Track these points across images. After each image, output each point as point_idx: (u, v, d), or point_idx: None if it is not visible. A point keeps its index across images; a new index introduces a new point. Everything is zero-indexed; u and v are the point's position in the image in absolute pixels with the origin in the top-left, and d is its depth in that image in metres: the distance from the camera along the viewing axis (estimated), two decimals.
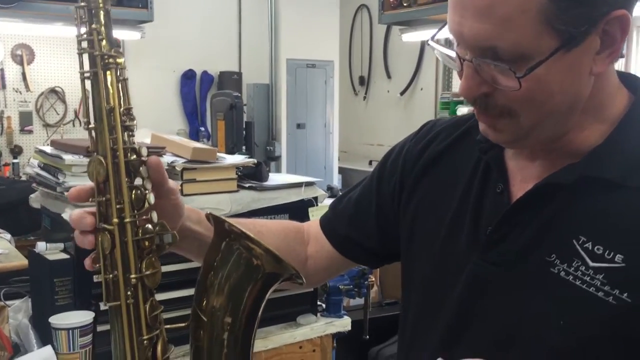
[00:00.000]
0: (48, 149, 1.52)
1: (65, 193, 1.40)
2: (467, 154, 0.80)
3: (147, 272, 0.72)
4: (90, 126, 0.71)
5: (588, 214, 0.67)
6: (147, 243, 0.73)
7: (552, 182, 0.69)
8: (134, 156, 0.73)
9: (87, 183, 0.74)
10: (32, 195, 1.64)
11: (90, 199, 0.72)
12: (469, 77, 0.65)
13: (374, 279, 1.89)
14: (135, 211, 0.72)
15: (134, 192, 0.72)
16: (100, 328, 1.40)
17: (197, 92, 5.09)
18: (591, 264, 0.65)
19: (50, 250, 1.45)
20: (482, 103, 0.67)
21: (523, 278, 0.70)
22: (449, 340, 0.75)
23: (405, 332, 0.86)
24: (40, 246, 1.45)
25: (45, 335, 1.40)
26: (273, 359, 1.68)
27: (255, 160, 1.71)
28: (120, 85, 0.72)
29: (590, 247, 0.65)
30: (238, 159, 1.70)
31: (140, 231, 0.73)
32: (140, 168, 0.73)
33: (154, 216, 0.74)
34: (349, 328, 1.81)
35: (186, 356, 0.75)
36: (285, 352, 1.69)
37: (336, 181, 4.55)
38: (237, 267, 0.74)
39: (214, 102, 4.01)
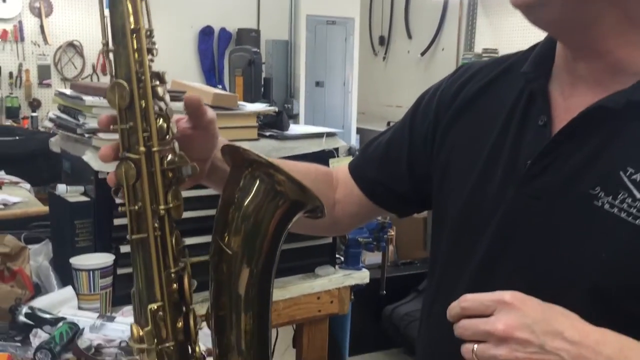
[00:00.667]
0: (68, 92, 1.50)
1: (86, 135, 1.39)
2: (507, 90, 0.77)
3: (173, 204, 0.70)
4: (109, 48, 0.67)
5: (637, 144, 0.64)
6: (170, 174, 0.72)
7: (598, 108, 0.66)
8: (157, 82, 0.70)
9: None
10: (51, 139, 1.63)
11: (111, 126, 0.70)
12: None
13: (393, 234, 1.88)
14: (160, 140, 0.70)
15: (159, 120, 0.70)
16: (120, 271, 1.40)
17: (215, 49, 5.04)
18: (639, 195, 0.62)
19: (71, 193, 1.44)
20: None
21: (564, 211, 0.67)
22: (481, 279, 0.73)
23: (433, 276, 0.84)
24: (61, 188, 1.44)
25: (66, 277, 1.41)
26: (291, 309, 1.68)
27: (277, 109, 1.68)
28: (144, 3, 0.68)
29: (638, 179, 0.62)
30: (259, 106, 1.67)
31: (165, 161, 0.71)
32: (163, 94, 0.71)
33: (177, 146, 0.72)
34: (367, 281, 1.80)
35: (205, 302, 0.73)
36: (303, 302, 1.69)
37: (354, 141, 4.52)
38: (259, 195, 0.71)
39: (232, 57, 3.96)
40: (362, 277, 1.80)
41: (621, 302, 0.64)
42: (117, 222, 1.41)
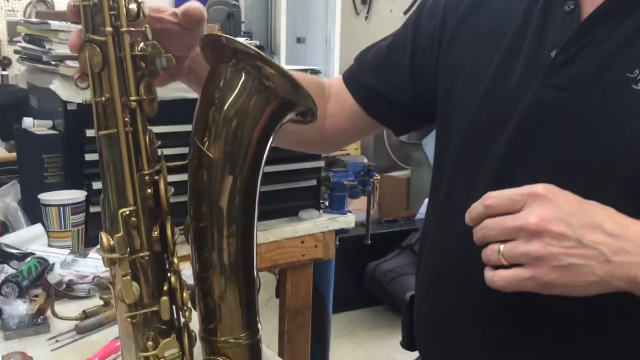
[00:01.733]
0: (34, 19, 1.40)
1: (53, 62, 1.29)
2: None
3: (146, 97, 0.62)
4: None
5: None
6: (142, 64, 0.63)
7: None
8: None
9: None
10: (17, 73, 1.53)
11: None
12: None
13: (378, 177, 1.82)
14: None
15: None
16: (93, 209, 1.33)
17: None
18: None
19: (38, 127, 1.35)
20: None
21: (596, 100, 0.61)
22: (499, 182, 0.64)
23: (438, 193, 0.77)
24: (27, 122, 1.35)
25: (35, 216, 1.33)
26: (274, 253, 1.62)
27: (258, 42, 1.59)
28: None
29: None
30: (239, 40, 1.58)
31: (136, 48, 0.63)
32: None
33: (149, 33, 0.63)
34: (353, 225, 1.75)
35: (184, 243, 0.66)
36: (286, 246, 1.63)
37: None
38: (244, 91, 0.64)
39: (210, 11, 3.82)
40: (347, 221, 1.74)
41: None
42: (88, 157, 1.33)
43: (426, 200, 3.04)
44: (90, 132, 1.31)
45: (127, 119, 0.60)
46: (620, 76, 0.60)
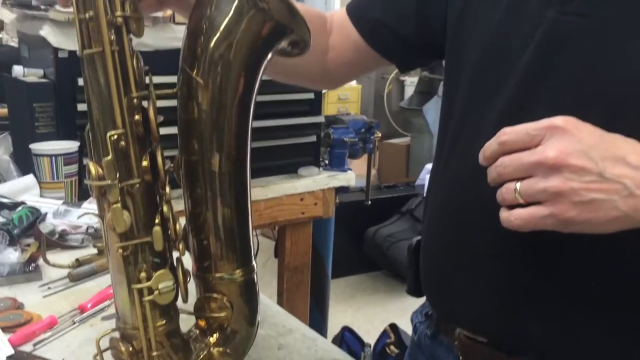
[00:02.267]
0: None
1: (42, 7, 1.24)
2: None
3: (133, 15, 0.58)
4: None
5: None
6: None
7: None
8: None
9: None
10: (6, 22, 1.48)
11: None
12: None
13: (379, 135, 1.78)
14: None
15: None
16: (86, 161, 1.29)
17: None
18: None
19: (29, 75, 1.31)
20: None
21: (619, 25, 0.56)
22: (513, 117, 0.59)
23: (447, 131, 0.72)
24: (17, 70, 1.31)
25: (27, 167, 1.29)
26: (273, 209, 1.59)
27: None
28: None
29: None
30: None
31: None
32: None
33: None
34: (353, 183, 1.72)
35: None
36: (286, 202, 1.60)
37: None
38: (238, 13, 0.59)
39: None
40: (347, 178, 1.71)
41: None
42: (80, 107, 1.29)
43: (426, 165, 3.02)
44: (82, 81, 1.27)
45: (112, 38, 0.56)
46: None
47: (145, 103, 0.59)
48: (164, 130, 0.60)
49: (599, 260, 0.59)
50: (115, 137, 0.56)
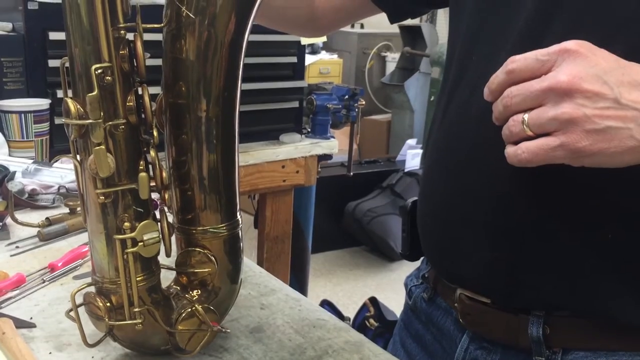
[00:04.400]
0: None
1: None
2: None
3: None
4: None
5: None
6: None
7: None
8: None
9: None
10: None
11: None
12: None
13: (363, 102, 1.73)
14: None
15: None
16: (58, 120, 1.23)
17: None
18: None
19: None
20: None
21: None
22: (527, 44, 0.54)
23: (449, 74, 0.67)
24: None
25: None
26: (253, 177, 1.54)
27: None
28: None
29: None
30: None
31: None
32: None
33: None
34: (336, 151, 1.68)
35: None
36: (266, 170, 1.56)
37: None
38: None
39: None
40: (330, 146, 1.66)
41: None
42: (52, 63, 1.22)
43: (407, 141, 2.97)
44: (53, 35, 1.20)
45: None
46: None
47: (130, 36, 0.54)
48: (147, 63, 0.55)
49: (612, 208, 0.55)
50: (101, 71, 0.51)
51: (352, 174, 2.06)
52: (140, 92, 0.55)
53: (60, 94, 1.20)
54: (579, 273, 0.58)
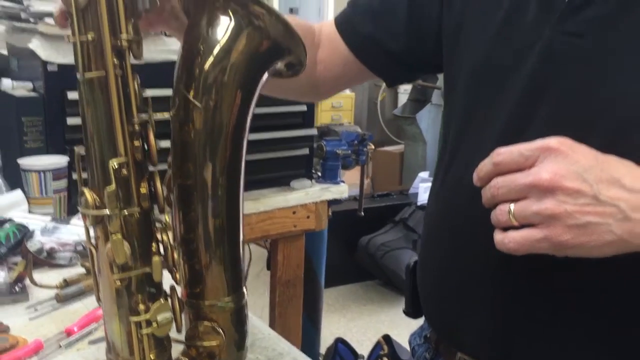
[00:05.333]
0: None
1: (32, 20, 1.23)
2: None
3: (134, 38, 0.55)
4: None
5: None
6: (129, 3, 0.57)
7: None
8: None
9: None
10: None
11: None
12: None
13: (373, 147, 1.77)
14: None
15: None
16: (76, 175, 1.27)
17: None
18: None
19: (17, 88, 1.29)
20: None
21: (614, 46, 0.56)
22: (510, 137, 0.59)
23: (447, 145, 0.72)
24: (6, 83, 1.29)
25: (16, 182, 1.27)
26: (265, 223, 1.57)
27: None
28: None
29: None
30: None
31: None
32: None
33: None
34: (346, 195, 1.70)
35: None
36: (278, 216, 1.59)
37: None
38: (233, 32, 0.58)
39: None
40: (340, 191, 1.69)
41: None
42: (70, 121, 1.27)
43: (420, 174, 3.01)
44: (71, 95, 1.25)
45: (116, 61, 0.54)
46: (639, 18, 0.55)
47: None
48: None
49: (600, 283, 0.58)
50: (117, 165, 0.55)
51: (362, 213, 2.09)
52: (153, 177, 0.59)
53: (77, 151, 1.25)
54: (574, 345, 0.60)
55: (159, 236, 0.61)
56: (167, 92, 0.59)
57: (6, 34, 1.41)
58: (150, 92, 0.59)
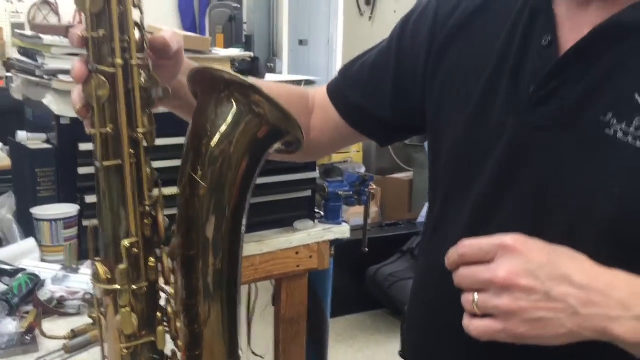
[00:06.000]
0: (27, 32, 1.41)
1: (46, 77, 1.30)
2: (507, 6, 0.69)
3: (149, 128, 0.61)
4: None
5: None
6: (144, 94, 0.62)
7: (614, 24, 0.58)
8: None
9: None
10: (12, 85, 1.54)
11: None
12: None
13: (374, 187, 1.81)
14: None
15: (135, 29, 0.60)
16: (86, 223, 1.33)
17: (196, 6, 4.87)
18: None
19: (32, 140, 1.36)
20: None
21: (571, 142, 0.60)
22: (480, 217, 0.66)
23: (432, 212, 0.77)
24: (21, 135, 1.36)
25: (29, 229, 1.33)
26: (268, 264, 1.62)
27: (252, 54, 1.59)
28: None
29: None
30: (233, 52, 1.58)
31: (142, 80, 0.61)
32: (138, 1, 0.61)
33: (151, 65, 0.62)
34: (348, 235, 1.75)
35: None
36: (281, 257, 1.63)
37: None
38: (235, 119, 0.64)
39: (212, 14, 3.83)
40: (342, 231, 1.74)
41: (637, 239, 0.57)
42: (81, 171, 1.33)
43: (427, 203, 3.02)
44: (83, 146, 1.32)
45: (131, 151, 0.60)
46: (594, 119, 0.59)
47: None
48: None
49: (569, 352, 0.62)
50: (129, 244, 0.60)
51: (367, 249, 2.13)
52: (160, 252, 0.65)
53: (88, 199, 1.31)
54: None
55: (162, 302, 0.66)
56: (170, 141, 0.64)
57: (22, 86, 1.49)
58: (159, 142, 0.64)
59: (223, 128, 0.64)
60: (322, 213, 1.78)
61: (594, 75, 0.60)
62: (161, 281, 0.66)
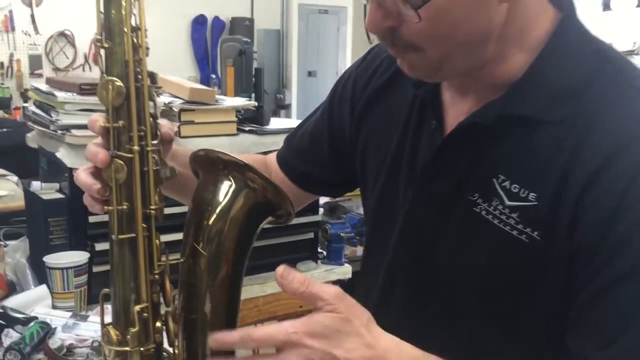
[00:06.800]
0: (43, 87, 1.48)
1: (59, 132, 1.37)
2: (405, 89, 0.76)
3: (161, 205, 0.68)
4: (103, 45, 0.63)
5: (507, 153, 0.64)
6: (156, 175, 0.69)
7: (472, 122, 0.66)
8: (150, 81, 0.67)
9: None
10: (28, 135, 1.62)
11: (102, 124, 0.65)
12: (372, 9, 0.61)
13: None
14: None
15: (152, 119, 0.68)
16: (95, 269, 1.39)
17: (208, 38, 4.99)
18: (507, 202, 0.63)
19: (45, 190, 1.43)
20: (388, 38, 0.63)
21: (451, 218, 0.68)
22: (388, 281, 0.75)
23: (364, 267, 0.87)
24: (35, 185, 1.43)
25: (42, 274, 1.40)
26: (272, 305, 1.67)
27: (256, 103, 1.66)
28: (138, 3, 0.66)
29: (507, 186, 0.63)
30: (238, 101, 1.65)
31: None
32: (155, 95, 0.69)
33: (162, 151, 0.70)
34: (350, 276, 1.80)
35: None
36: (283, 298, 1.68)
37: None
38: (234, 196, 0.70)
39: (223, 47, 3.93)
40: (344, 272, 1.79)
41: (506, 305, 0.65)
42: (92, 219, 1.40)
43: None
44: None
45: (144, 225, 0.67)
46: (466, 198, 0.66)
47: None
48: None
49: None
50: (140, 310, 0.66)
51: None
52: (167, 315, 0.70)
53: (98, 246, 1.37)
54: None
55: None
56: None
57: (37, 136, 1.57)
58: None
59: (222, 202, 0.70)
60: (324, 253, 1.83)
61: (465, 161, 0.67)
62: (165, 343, 0.72)
